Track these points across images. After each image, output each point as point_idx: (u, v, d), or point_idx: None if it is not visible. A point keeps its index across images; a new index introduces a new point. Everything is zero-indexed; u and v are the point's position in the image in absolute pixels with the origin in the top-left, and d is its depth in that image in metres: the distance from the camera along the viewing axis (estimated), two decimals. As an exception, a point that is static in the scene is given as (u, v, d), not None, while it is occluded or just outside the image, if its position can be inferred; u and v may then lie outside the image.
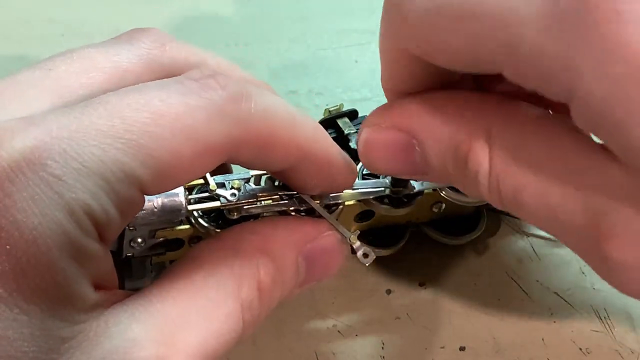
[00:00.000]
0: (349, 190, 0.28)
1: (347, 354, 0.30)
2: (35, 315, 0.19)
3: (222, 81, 0.22)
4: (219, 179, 0.27)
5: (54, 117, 0.20)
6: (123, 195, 0.20)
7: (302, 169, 0.24)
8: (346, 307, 0.32)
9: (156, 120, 0.20)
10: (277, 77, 0.44)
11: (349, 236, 0.26)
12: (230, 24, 0.48)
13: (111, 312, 0.20)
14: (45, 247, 0.19)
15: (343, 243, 0.26)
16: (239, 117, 0.22)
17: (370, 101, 0.43)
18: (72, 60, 0.24)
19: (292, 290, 0.25)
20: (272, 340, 0.31)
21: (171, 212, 0.25)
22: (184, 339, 0.21)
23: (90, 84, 0.23)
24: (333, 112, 0.33)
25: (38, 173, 0.19)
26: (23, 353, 0.19)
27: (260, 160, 0.23)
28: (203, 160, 0.21)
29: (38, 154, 0.19)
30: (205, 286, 0.22)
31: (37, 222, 0.19)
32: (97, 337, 0.20)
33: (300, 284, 0.25)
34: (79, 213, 0.19)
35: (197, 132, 0.21)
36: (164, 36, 0.25)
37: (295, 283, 0.25)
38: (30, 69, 0.23)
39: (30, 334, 0.19)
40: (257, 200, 0.27)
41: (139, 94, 0.21)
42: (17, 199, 0.19)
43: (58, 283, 0.19)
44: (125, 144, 0.20)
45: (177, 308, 0.21)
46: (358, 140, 0.24)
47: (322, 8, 0.49)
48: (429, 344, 0.31)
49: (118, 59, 0.24)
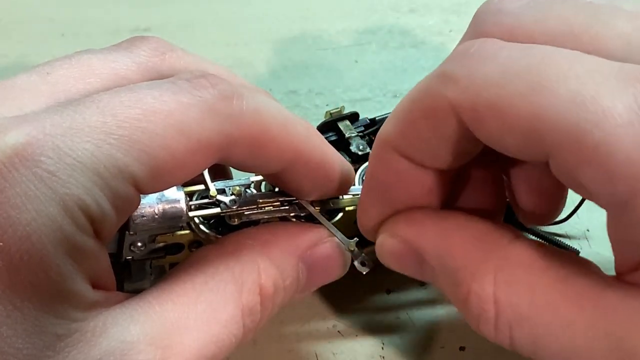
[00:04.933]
0: (349, 196, 0.28)
1: (347, 354, 0.31)
2: (29, 312, 0.19)
3: (213, 80, 0.22)
4: (219, 185, 0.27)
5: (47, 115, 0.20)
6: (118, 191, 0.20)
7: (296, 170, 0.24)
8: (346, 307, 0.32)
9: (148, 117, 0.20)
10: (277, 77, 0.44)
11: (348, 244, 0.27)
12: (230, 24, 0.48)
13: (110, 312, 0.20)
14: (39, 243, 0.19)
15: (344, 249, 0.27)
16: (230, 115, 0.22)
17: (370, 101, 0.43)
18: (70, 65, 0.24)
19: (293, 296, 0.25)
20: (272, 340, 0.31)
21: (172, 219, 0.25)
22: (182, 343, 0.21)
23: (88, 89, 0.23)
24: (334, 115, 0.33)
25: (31, 169, 0.19)
26: (17, 350, 0.19)
27: (253, 160, 0.23)
28: (196, 158, 0.21)
29: (31, 150, 0.19)
30: (205, 290, 0.23)
31: (30, 218, 0.19)
32: (95, 337, 0.20)
33: (301, 290, 0.26)
34: (74, 209, 0.19)
35: (190, 129, 0.21)
36: (164, 45, 0.25)
37: (296, 288, 0.25)
38: (27, 73, 0.23)
39: (24, 331, 0.19)
40: (258, 206, 0.27)
41: (131, 92, 0.21)
42: (10, 195, 0.19)
43: (52, 279, 0.19)
44: (118, 139, 0.20)
45: (176, 312, 0.21)
46: (376, 242, 0.25)
47: (322, 8, 0.49)
48: (429, 344, 0.31)
49: (116, 65, 0.24)
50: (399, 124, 0.22)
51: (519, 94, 0.19)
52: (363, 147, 0.32)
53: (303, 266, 0.25)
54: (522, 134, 0.19)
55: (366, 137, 0.33)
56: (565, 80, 0.18)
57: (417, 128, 0.22)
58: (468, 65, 0.20)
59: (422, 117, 0.21)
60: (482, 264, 0.21)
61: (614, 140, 0.17)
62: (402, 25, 0.48)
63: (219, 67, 0.26)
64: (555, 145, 0.18)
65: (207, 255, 0.24)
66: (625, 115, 0.17)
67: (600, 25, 0.20)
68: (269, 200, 0.27)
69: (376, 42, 0.47)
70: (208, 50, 0.42)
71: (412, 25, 0.48)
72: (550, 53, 0.19)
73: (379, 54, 0.46)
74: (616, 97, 0.18)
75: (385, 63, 0.45)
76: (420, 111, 0.22)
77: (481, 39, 0.21)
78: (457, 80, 0.20)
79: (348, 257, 0.27)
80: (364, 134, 0.33)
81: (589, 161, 0.18)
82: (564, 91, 0.18)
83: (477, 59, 0.20)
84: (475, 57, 0.20)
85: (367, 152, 0.32)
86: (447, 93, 0.20)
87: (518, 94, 0.19)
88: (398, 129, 0.22)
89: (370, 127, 0.33)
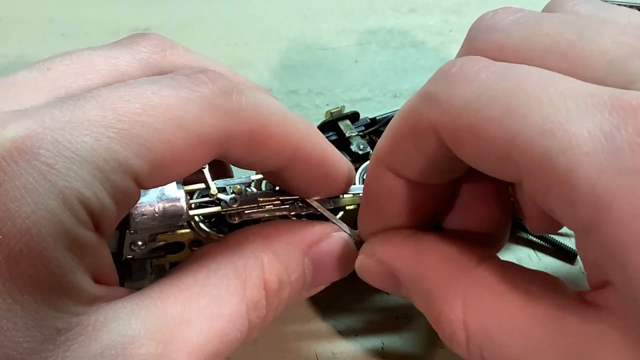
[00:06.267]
0: (350, 195, 0.28)
1: (347, 354, 0.31)
2: (29, 305, 0.19)
3: (212, 76, 0.22)
4: (220, 183, 0.27)
5: (47, 109, 0.20)
6: (117, 185, 0.20)
7: (296, 168, 0.24)
8: (346, 307, 0.32)
9: (148, 111, 0.20)
10: (277, 77, 0.44)
11: (354, 234, 0.27)
12: (230, 24, 0.48)
13: (111, 307, 0.20)
14: (38, 236, 0.19)
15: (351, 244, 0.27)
16: (230, 110, 0.22)
17: (370, 101, 0.43)
18: (71, 61, 0.24)
19: (301, 293, 0.25)
20: (272, 340, 0.31)
21: (172, 217, 0.25)
22: (185, 338, 0.21)
23: (88, 85, 0.23)
24: (334, 114, 0.33)
25: (30, 162, 0.19)
26: (17, 343, 0.18)
27: (252, 156, 0.23)
28: (196, 153, 0.22)
29: (30, 144, 0.19)
30: (208, 285, 0.22)
31: (30, 211, 0.19)
32: (95, 331, 0.20)
33: (308, 287, 0.25)
34: (73, 202, 0.19)
35: (189, 124, 0.21)
36: (164, 42, 0.25)
37: (302, 285, 0.25)
38: (27, 69, 0.23)
39: (24, 324, 0.19)
40: (258, 205, 0.27)
41: (130, 87, 0.21)
42: (9, 187, 0.19)
43: (52, 273, 0.19)
44: (118, 133, 0.20)
45: (178, 306, 0.21)
46: (355, 263, 0.25)
47: (322, 8, 0.49)
48: (429, 344, 0.31)
49: (117, 62, 0.24)
50: (388, 142, 0.23)
51: (493, 118, 0.19)
52: (363, 146, 0.32)
53: (309, 262, 0.25)
54: (496, 156, 0.19)
55: (366, 137, 0.33)
56: (537, 105, 0.19)
57: (403, 146, 0.23)
58: (448, 87, 0.21)
59: (408, 135, 0.22)
60: (451, 287, 0.22)
61: (578, 168, 0.17)
62: (402, 25, 0.48)
63: (220, 65, 0.26)
64: (525, 170, 0.19)
65: (210, 252, 0.24)
66: (590, 144, 0.17)
67: (584, 43, 0.21)
68: (270, 199, 0.27)
69: (376, 42, 0.47)
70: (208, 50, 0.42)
71: (412, 25, 0.48)
72: (525, 75, 0.20)
73: (379, 54, 0.46)
74: (583, 124, 0.18)
75: (385, 63, 0.45)
76: (405, 130, 0.22)
77: (464, 57, 0.21)
78: (438, 102, 0.21)
79: (355, 253, 0.27)
80: (364, 133, 0.33)
81: (555, 188, 0.18)
82: (535, 117, 0.18)
83: (457, 81, 0.20)
84: (456, 78, 0.21)
85: (367, 151, 0.32)
86: (429, 114, 0.21)
87: (492, 118, 0.19)
88: (387, 146, 0.23)
89: (371, 126, 0.33)
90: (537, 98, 0.19)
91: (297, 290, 0.25)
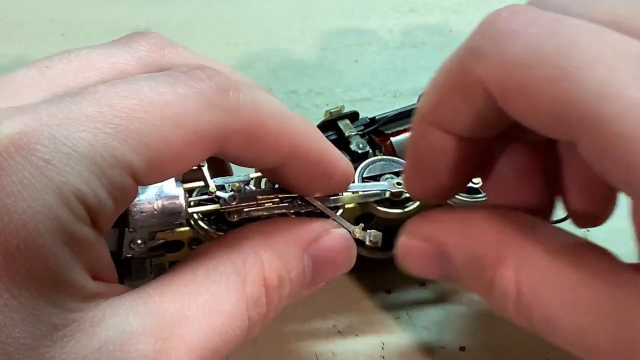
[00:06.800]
0: (349, 193, 0.28)
1: (347, 354, 0.31)
2: (26, 301, 0.19)
3: (209, 72, 0.22)
4: (218, 181, 0.27)
5: (44, 105, 0.20)
6: (115, 181, 0.20)
7: (295, 166, 0.24)
8: (346, 307, 0.32)
9: (145, 107, 0.21)
10: (277, 77, 0.44)
11: (353, 230, 0.26)
12: (230, 24, 0.48)
13: (109, 303, 0.20)
14: (35, 232, 0.19)
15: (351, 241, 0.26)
16: (227, 107, 0.22)
17: (370, 101, 0.43)
18: (69, 59, 0.24)
19: (301, 291, 0.25)
20: (272, 340, 0.31)
21: (171, 215, 0.25)
22: (183, 334, 0.21)
23: (87, 83, 0.23)
24: (334, 114, 0.33)
25: (27, 157, 0.19)
26: (13, 339, 0.19)
27: (250, 153, 0.23)
28: (193, 149, 0.22)
29: (27, 139, 0.19)
30: (207, 282, 0.22)
31: (26, 207, 0.19)
32: (93, 327, 0.20)
33: (308, 284, 0.25)
34: (70, 197, 0.19)
35: (187, 120, 0.21)
36: (163, 40, 0.25)
37: (302, 282, 0.25)
38: (26, 68, 0.23)
39: (21, 320, 0.19)
40: (257, 202, 0.27)
41: (127, 83, 0.21)
42: (5, 183, 0.19)
43: (50, 269, 0.19)
44: (115, 128, 0.20)
45: (176, 303, 0.21)
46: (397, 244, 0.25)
47: (322, 8, 0.49)
48: (429, 344, 0.31)
49: (115, 60, 0.24)
50: (433, 98, 0.23)
51: (548, 78, 0.19)
52: (363, 145, 0.32)
53: (308, 258, 0.25)
54: (549, 116, 0.19)
55: (366, 136, 0.33)
56: (592, 67, 0.18)
57: (450, 101, 0.22)
58: (497, 42, 0.20)
59: (454, 91, 0.22)
60: (502, 250, 0.22)
61: (635, 132, 0.17)
62: (402, 25, 0.48)
63: (219, 64, 0.26)
64: (581, 132, 0.19)
65: (209, 250, 0.24)
66: None
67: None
68: (269, 197, 0.27)
69: (376, 42, 0.47)
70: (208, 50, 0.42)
71: (412, 25, 0.48)
72: (578, 32, 0.19)
73: (379, 54, 0.46)
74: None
75: (385, 63, 0.45)
76: (451, 85, 0.22)
77: (510, 7, 0.21)
78: (486, 58, 0.20)
79: (355, 249, 0.26)
80: (363, 132, 0.33)
81: (611, 151, 0.18)
82: (591, 81, 0.18)
83: (505, 36, 0.20)
84: (504, 33, 0.20)
85: (366, 150, 0.32)
86: (477, 70, 0.20)
87: (547, 78, 0.19)
88: (433, 103, 0.23)
89: (370, 126, 0.33)
90: (592, 59, 0.18)
91: (297, 287, 0.25)
